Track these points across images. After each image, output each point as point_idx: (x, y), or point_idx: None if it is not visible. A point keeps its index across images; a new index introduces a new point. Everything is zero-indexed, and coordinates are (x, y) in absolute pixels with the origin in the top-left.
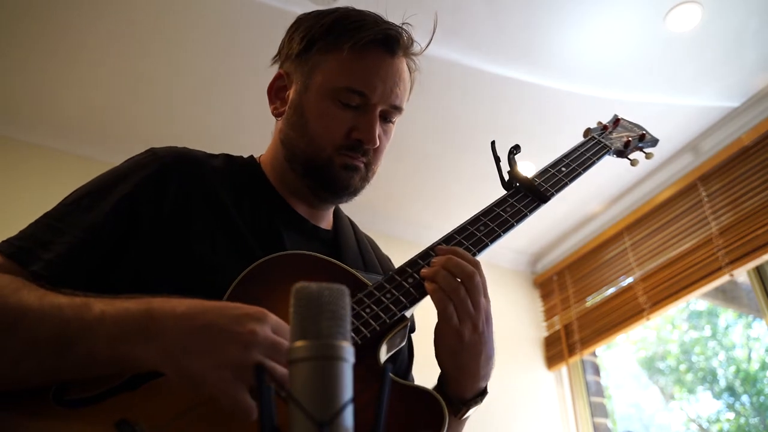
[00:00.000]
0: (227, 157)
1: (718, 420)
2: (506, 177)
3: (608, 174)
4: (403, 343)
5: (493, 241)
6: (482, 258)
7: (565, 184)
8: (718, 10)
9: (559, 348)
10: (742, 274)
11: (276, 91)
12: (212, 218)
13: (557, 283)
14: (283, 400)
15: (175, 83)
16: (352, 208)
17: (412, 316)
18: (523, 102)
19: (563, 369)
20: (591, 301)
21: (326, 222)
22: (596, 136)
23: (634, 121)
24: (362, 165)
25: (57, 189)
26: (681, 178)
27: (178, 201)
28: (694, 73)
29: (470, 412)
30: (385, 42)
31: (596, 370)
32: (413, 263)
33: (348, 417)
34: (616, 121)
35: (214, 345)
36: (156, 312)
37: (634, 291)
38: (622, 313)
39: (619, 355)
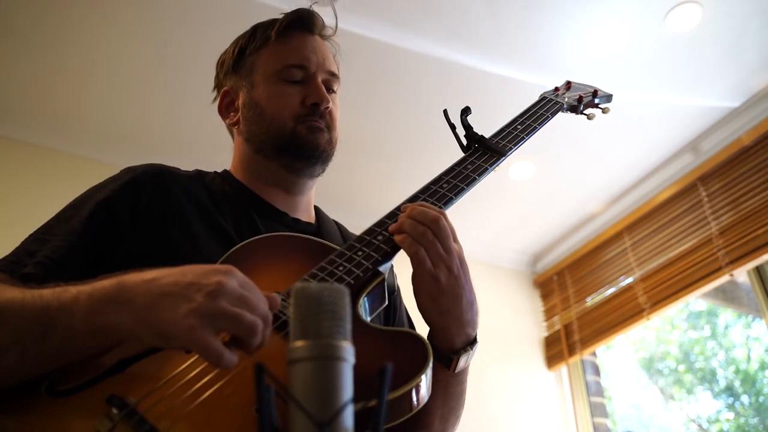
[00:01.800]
0: (199, 171)
1: (717, 420)
2: (464, 141)
3: (608, 174)
4: (385, 303)
5: (457, 195)
6: (481, 258)
7: (522, 139)
8: (718, 10)
9: (559, 348)
10: (742, 274)
11: (226, 107)
12: (190, 215)
13: (557, 283)
14: (283, 400)
15: (177, 84)
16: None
17: (395, 279)
18: (521, 102)
19: (563, 369)
20: (591, 301)
21: (307, 215)
22: (548, 96)
23: (586, 83)
24: (324, 126)
25: (56, 189)
26: (681, 178)
27: (154, 202)
28: (694, 73)
29: (463, 363)
30: (302, 22)
31: (596, 370)
32: (381, 223)
33: (348, 417)
34: (568, 83)
35: (181, 297)
36: (127, 282)
37: (634, 291)
38: (622, 313)
39: (618, 355)
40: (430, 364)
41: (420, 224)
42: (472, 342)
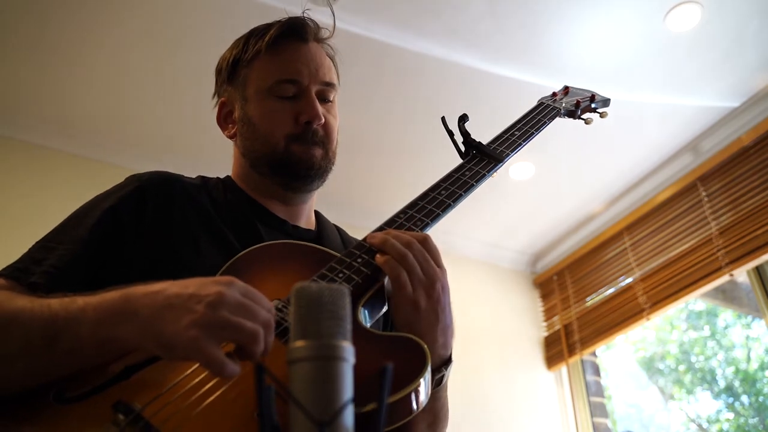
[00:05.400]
0: (202, 177)
1: (717, 420)
2: (462, 148)
3: (608, 174)
4: (385, 308)
5: (455, 201)
6: (482, 258)
7: (520, 145)
8: (718, 10)
9: (559, 348)
10: (742, 274)
11: (224, 118)
12: (193, 222)
13: (557, 283)
14: (283, 400)
15: (177, 85)
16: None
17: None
18: (521, 101)
19: (563, 369)
20: (591, 301)
21: (308, 222)
22: (545, 101)
23: (584, 87)
24: (318, 142)
25: (57, 189)
26: (681, 178)
27: (159, 210)
28: (694, 73)
29: (437, 382)
30: (294, 32)
31: (596, 370)
32: (380, 230)
33: (348, 417)
34: (566, 89)
35: (183, 309)
36: (132, 295)
37: (634, 291)
38: (621, 313)
39: (618, 355)
40: (429, 367)
41: (401, 246)
42: (446, 362)
